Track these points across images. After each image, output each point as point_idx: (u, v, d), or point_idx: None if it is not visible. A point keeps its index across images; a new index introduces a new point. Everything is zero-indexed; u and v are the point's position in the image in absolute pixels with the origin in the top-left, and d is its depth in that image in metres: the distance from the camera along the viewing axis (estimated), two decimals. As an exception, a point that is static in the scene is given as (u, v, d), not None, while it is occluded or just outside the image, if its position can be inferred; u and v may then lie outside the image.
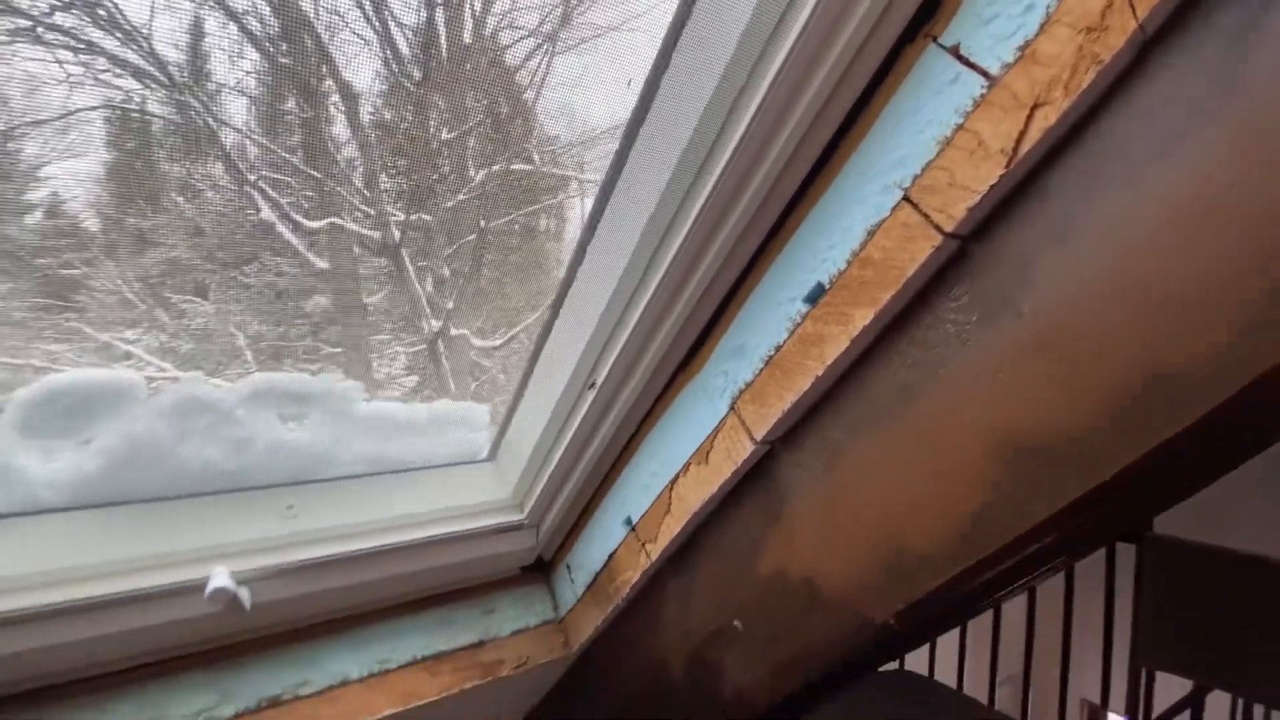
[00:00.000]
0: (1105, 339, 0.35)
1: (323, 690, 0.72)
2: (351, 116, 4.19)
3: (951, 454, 0.42)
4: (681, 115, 0.53)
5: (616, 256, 0.63)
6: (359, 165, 4.59)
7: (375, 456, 0.82)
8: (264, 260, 4.05)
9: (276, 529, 0.69)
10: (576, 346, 0.69)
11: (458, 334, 4.73)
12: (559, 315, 0.72)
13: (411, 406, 0.81)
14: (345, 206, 4.45)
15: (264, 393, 0.68)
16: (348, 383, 0.73)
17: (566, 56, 4.62)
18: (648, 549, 0.71)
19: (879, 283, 0.45)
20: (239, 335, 3.68)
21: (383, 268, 4.82)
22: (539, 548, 0.89)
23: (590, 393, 0.70)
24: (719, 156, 0.52)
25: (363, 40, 3.74)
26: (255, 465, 0.70)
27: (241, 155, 3.49)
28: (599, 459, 0.76)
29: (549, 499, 0.82)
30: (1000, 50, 0.38)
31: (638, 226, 0.59)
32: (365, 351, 4.61)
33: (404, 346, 4.96)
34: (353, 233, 4.38)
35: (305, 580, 0.70)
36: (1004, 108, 0.37)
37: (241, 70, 3.19)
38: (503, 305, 3.62)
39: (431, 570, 0.81)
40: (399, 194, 5.21)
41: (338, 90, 3.99)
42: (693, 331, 0.64)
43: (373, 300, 4.71)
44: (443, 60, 4.89)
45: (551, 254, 3.09)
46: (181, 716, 0.64)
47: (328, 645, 0.75)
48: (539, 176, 5.40)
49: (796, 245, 0.53)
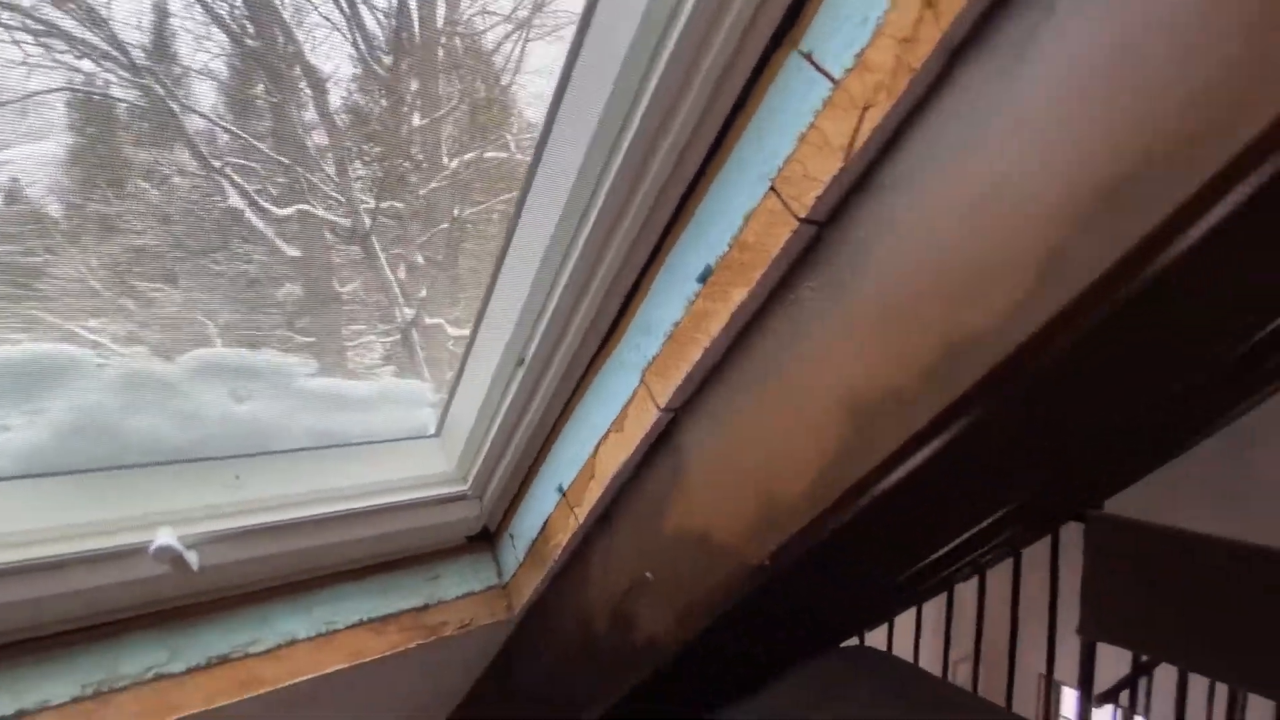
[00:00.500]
0: (920, 310, 0.41)
1: (271, 649, 0.77)
2: (320, 101, 4.16)
3: (809, 414, 0.48)
4: (586, 112, 0.58)
5: (538, 242, 0.68)
6: (329, 151, 4.55)
7: (323, 431, 0.86)
8: (233, 248, 4.02)
9: (223, 497, 0.74)
10: (507, 326, 0.74)
11: (432, 322, 4.74)
12: (491, 296, 0.77)
13: (358, 383, 0.85)
14: (315, 193, 4.42)
15: (211, 367, 0.72)
16: (292, 358, 0.77)
17: (540, 44, 4.52)
18: (576, 513, 0.76)
19: (752, 264, 0.50)
20: (209, 324, 3.66)
21: (355, 256, 4.80)
22: (484, 518, 0.94)
23: (520, 370, 0.75)
24: (618, 154, 0.57)
25: (331, 24, 3.69)
26: (203, 438, 0.74)
27: (208, 140, 3.46)
28: (533, 432, 0.81)
29: (490, 471, 0.88)
30: (843, 57, 0.43)
31: (553, 217, 0.64)
32: (339, 341, 4.61)
33: (379, 336, 4.96)
34: (323, 220, 4.36)
35: (252, 545, 0.74)
36: (844, 108, 0.43)
37: (208, 53, 3.15)
38: (478, 294, 3.64)
39: (378, 538, 0.85)
40: (370, 181, 5.17)
41: (306, 75, 3.96)
42: (610, 311, 0.69)
43: (346, 289, 4.70)
44: (414, 44, 4.85)
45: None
46: (133, 672, 0.68)
47: (277, 608, 0.80)
48: (514, 164, 5.38)
49: (693, 230, 0.58)
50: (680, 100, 0.53)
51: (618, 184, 0.59)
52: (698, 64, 0.50)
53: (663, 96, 0.53)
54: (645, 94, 0.54)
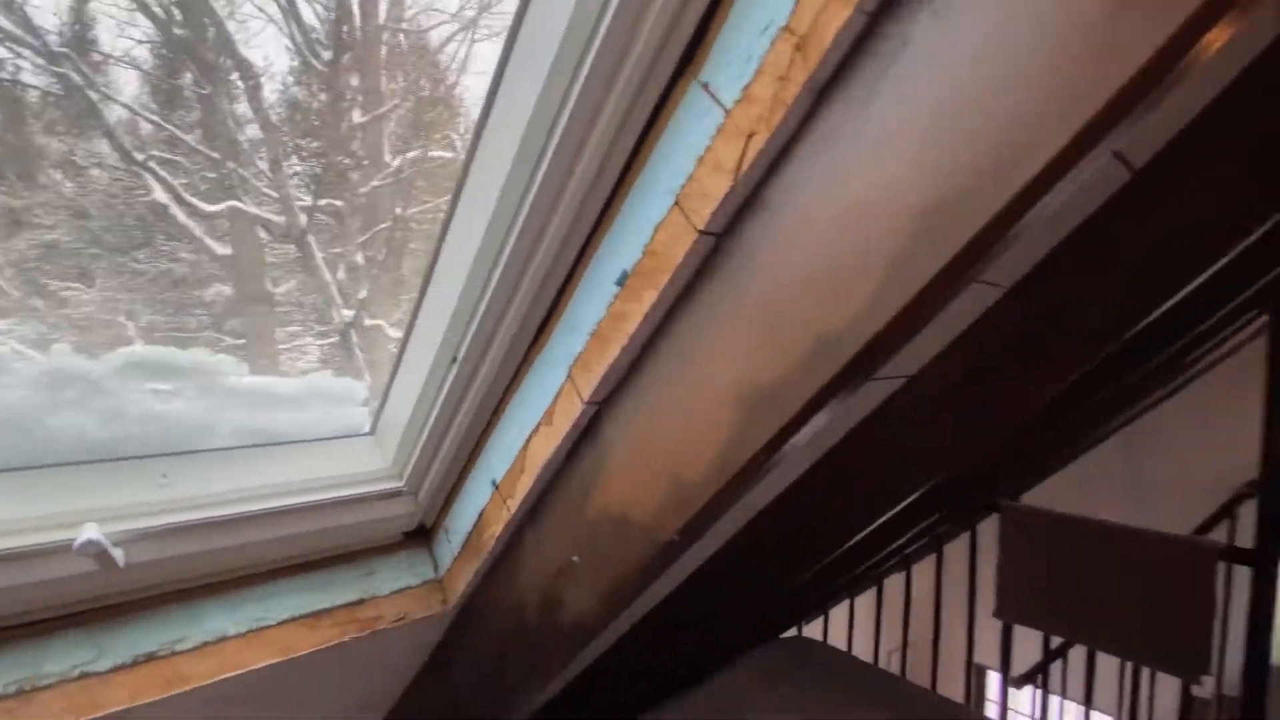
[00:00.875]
0: (795, 310, 0.47)
1: (199, 646, 0.77)
2: (254, 95, 4.04)
3: (708, 403, 0.54)
4: (512, 124, 0.62)
5: (470, 245, 0.71)
6: (263, 146, 4.41)
7: (254, 430, 0.87)
8: (157, 245, 3.82)
9: (150, 495, 0.74)
10: (441, 325, 0.78)
11: (373, 324, 4.61)
12: (425, 296, 0.80)
13: (290, 381, 0.87)
14: (247, 189, 4.26)
15: (135, 365, 0.72)
16: (222, 357, 0.78)
17: (487, 44, 4.52)
18: (508, 504, 0.80)
19: (660, 270, 0.56)
20: (129, 325, 3.47)
21: (290, 255, 4.63)
22: (420, 514, 0.97)
23: (454, 368, 0.78)
24: (542, 165, 0.62)
25: (266, 15, 3.59)
26: (128, 436, 0.74)
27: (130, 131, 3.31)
28: (468, 428, 0.84)
29: (425, 467, 0.90)
30: (733, 89, 0.49)
31: (484, 222, 0.68)
32: (272, 343, 4.42)
33: (315, 338, 4.78)
34: (255, 217, 4.19)
35: (180, 542, 0.75)
36: (733, 135, 0.49)
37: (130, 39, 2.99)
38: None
39: (311, 535, 0.87)
40: (308, 177, 5.03)
41: (239, 67, 3.85)
42: (540, 312, 0.73)
43: (280, 289, 4.51)
44: (355, 40, 4.76)
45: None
46: (58, 670, 0.68)
47: (207, 605, 0.80)
48: (460, 165, 5.25)
49: (612, 237, 0.64)
50: (597, 118, 0.58)
51: (543, 193, 0.64)
52: (611, 87, 0.56)
53: (582, 114, 0.58)
54: (565, 111, 0.59)
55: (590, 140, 0.60)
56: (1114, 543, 1.98)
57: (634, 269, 0.59)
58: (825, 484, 1.01)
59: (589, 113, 0.58)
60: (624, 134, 0.59)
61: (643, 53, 0.54)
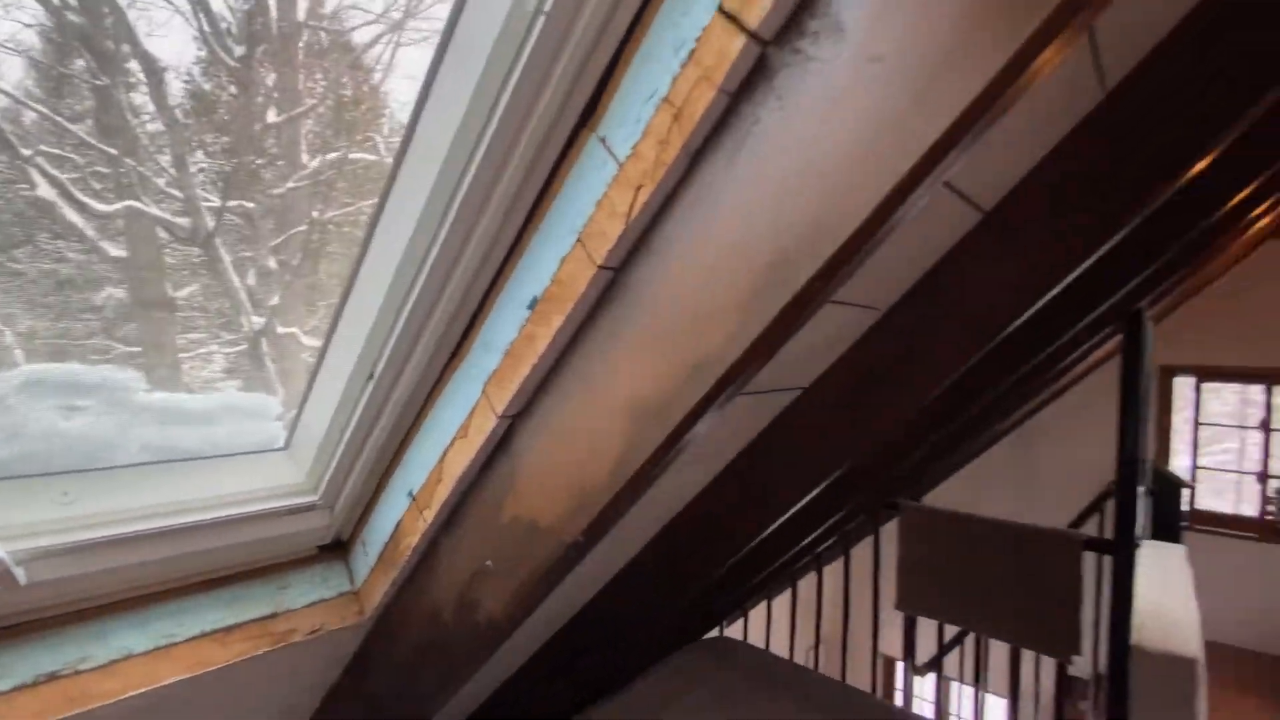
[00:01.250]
0: (676, 338, 0.55)
1: (104, 664, 0.77)
2: (157, 88, 3.82)
3: (607, 417, 0.61)
4: (431, 155, 0.68)
5: (388, 264, 0.76)
6: (165, 143, 4.16)
7: (162, 446, 0.87)
8: (40, 244, 3.53)
9: (51, 513, 0.73)
10: (358, 342, 0.81)
11: (286, 332, 4.40)
12: (343, 313, 0.83)
13: (200, 397, 0.87)
14: (147, 188, 4.01)
15: (36, 382, 0.72)
16: (127, 373, 0.78)
17: (415, 49, 4.44)
18: (425, 514, 0.84)
19: (566, 298, 0.63)
20: (5, 332, 3.18)
21: (194, 258, 4.37)
22: (335, 527, 0.99)
23: (371, 384, 0.82)
24: (458, 196, 0.67)
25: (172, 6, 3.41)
26: (29, 454, 0.73)
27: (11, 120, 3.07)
28: (385, 442, 0.88)
29: (341, 481, 0.93)
30: (625, 146, 0.57)
31: (403, 242, 0.73)
32: (172, 352, 4.15)
33: (221, 346, 4.50)
34: (156, 217, 3.93)
35: (84, 560, 0.74)
36: (624, 185, 0.56)
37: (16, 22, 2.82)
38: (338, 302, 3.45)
39: (222, 550, 0.87)
40: (216, 176, 4.76)
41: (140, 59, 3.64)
42: (458, 330, 0.78)
43: (182, 293, 4.24)
44: (271, 35, 4.57)
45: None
46: (-52, 696, 0.66)
47: (113, 623, 0.80)
48: (384, 168, 5.15)
49: (524, 265, 0.70)
50: (509, 160, 0.65)
51: (459, 222, 0.69)
52: (522, 132, 0.62)
53: (494, 156, 0.65)
54: (479, 150, 0.65)
55: (503, 179, 0.66)
56: (995, 536, 2.20)
57: (543, 295, 0.66)
58: (735, 487, 1.11)
59: (501, 155, 0.65)
60: (534, 174, 0.66)
61: (549, 105, 0.61)
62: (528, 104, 0.61)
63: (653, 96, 0.53)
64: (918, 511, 2.38)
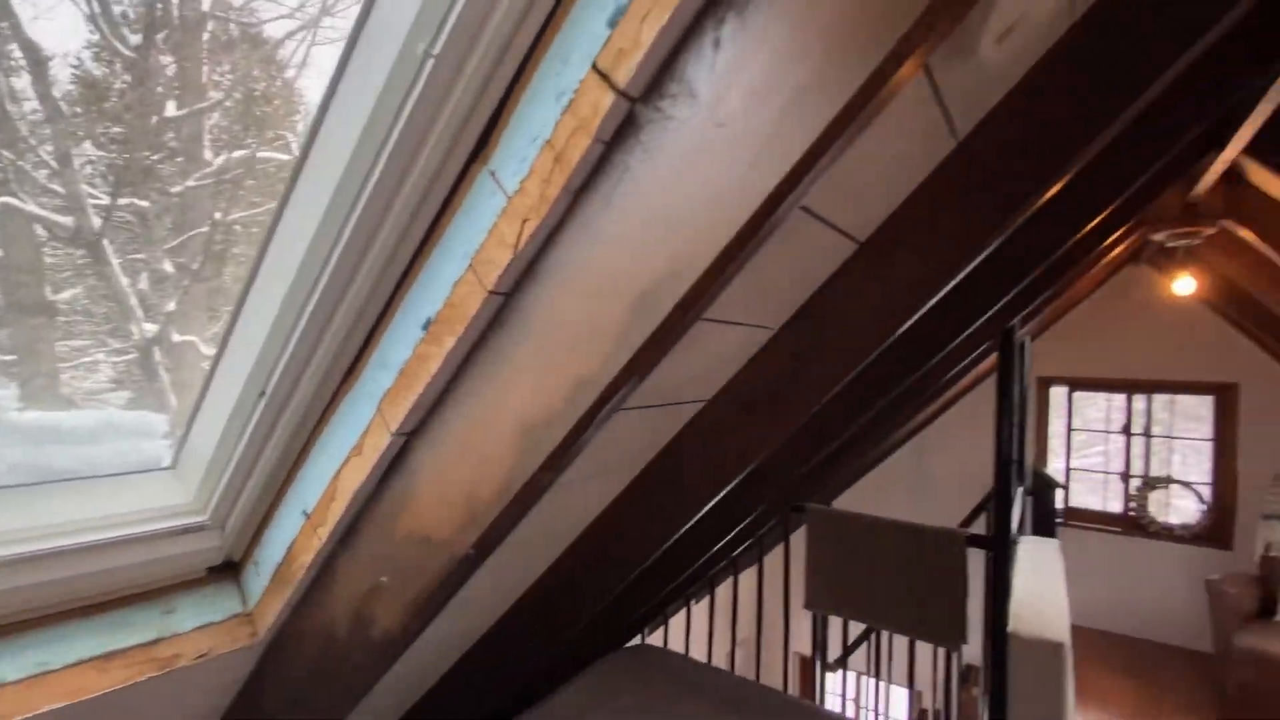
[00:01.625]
0: (560, 358, 0.60)
1: (-34, 697, 0.72)
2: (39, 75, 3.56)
3: (497, 433, 0.65)
4: (327, 173, 0.69)
5: (283, 279, 0.76)
6: (46, 133, 3.88)
7: (36, 466, 0.82)
8: (-111, 243, 3.19)
9: (-101, 542, 0.69)
10: (250, 358, 0.80)
11: (182, 340, 4.12)
12: (235, 327, 0.82)
13: (78, 414, 0.83)
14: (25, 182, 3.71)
15: (-115, 404, 0.67)
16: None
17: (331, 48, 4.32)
18: (319, 532, 0.84)
19: (458, 319, 0.66)
20: None
21: (78, 259, 4.06)
22: (226, 548, 0.96)
23: (262, 401, 0.81)
24: (352, 217, 0.69)
25: (61, -13, 3.17)
26: None
27: None
28: (277, 461, 0.87)
29: (231, 501, 0.91)
30: (513, 181, 0.61)
31: (297, 258, 0.74)
32: (51, 359, 3.80)
33: (108, 354, 4.16)
34: (34, 215, 3.64)
35: (-63, 591, 0.70)
36: (512, 217, 0.60)
37: None
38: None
39: (101, 574, 0.84)
40: (105, 171, 4.45)
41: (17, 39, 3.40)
42: (353, 348, 0.79)
43: (63, 297, 3.90)
44: (172, 24, 4.33)
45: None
46: None
47: (-19, 653, 0.75)
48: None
49: (419, 286, 0.72)
50: (402, 185, 0.67)
51: (353, 242, 0.71)
52: (416, 159, 0.65)
53: (391, 174, 0.67)
54: (379, 164, 0.67)
55: (398, 200, 0.68)
56: (889, 535, 2.37)
57: (437, 316, 0.68)
58: (644, 496, 1.16)
59: (398, 175, 0.67)
60: (429, 199, 0.69)
61: (441, 134, 0.64)
62: (421, 131, 0.64)
63: (537, 139, 0.58)
64: (821, 514, 2.52)
